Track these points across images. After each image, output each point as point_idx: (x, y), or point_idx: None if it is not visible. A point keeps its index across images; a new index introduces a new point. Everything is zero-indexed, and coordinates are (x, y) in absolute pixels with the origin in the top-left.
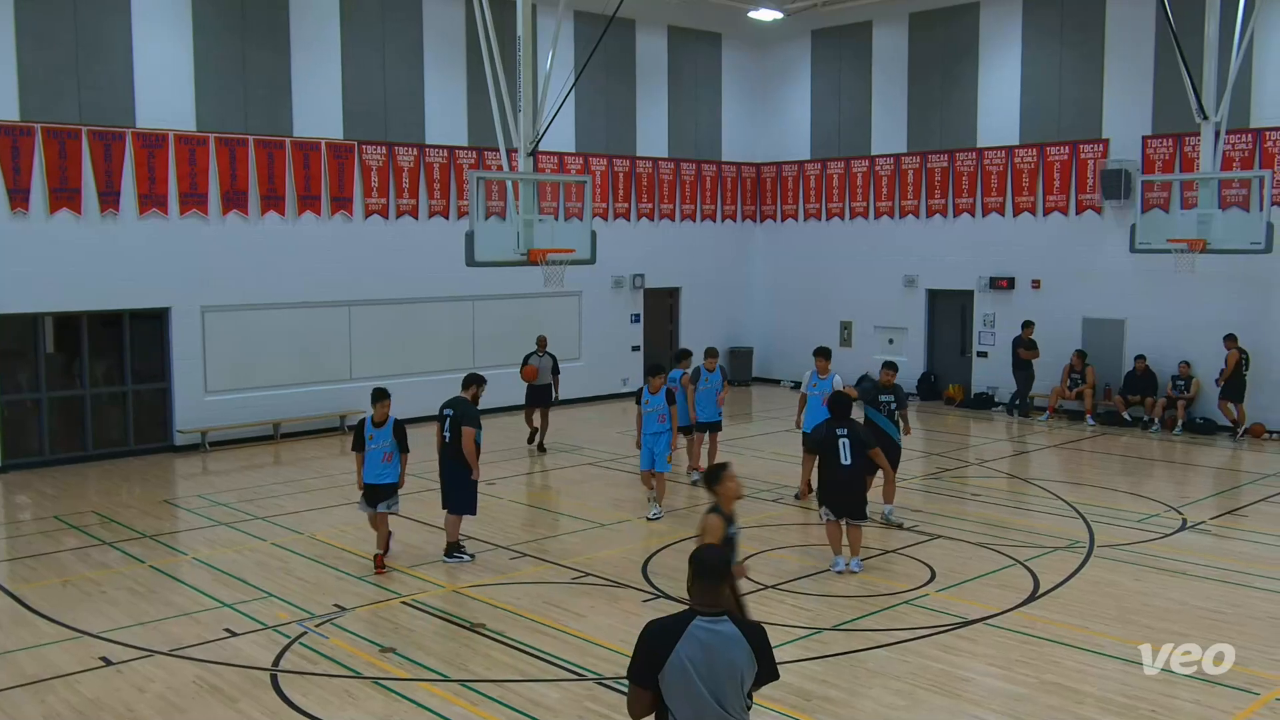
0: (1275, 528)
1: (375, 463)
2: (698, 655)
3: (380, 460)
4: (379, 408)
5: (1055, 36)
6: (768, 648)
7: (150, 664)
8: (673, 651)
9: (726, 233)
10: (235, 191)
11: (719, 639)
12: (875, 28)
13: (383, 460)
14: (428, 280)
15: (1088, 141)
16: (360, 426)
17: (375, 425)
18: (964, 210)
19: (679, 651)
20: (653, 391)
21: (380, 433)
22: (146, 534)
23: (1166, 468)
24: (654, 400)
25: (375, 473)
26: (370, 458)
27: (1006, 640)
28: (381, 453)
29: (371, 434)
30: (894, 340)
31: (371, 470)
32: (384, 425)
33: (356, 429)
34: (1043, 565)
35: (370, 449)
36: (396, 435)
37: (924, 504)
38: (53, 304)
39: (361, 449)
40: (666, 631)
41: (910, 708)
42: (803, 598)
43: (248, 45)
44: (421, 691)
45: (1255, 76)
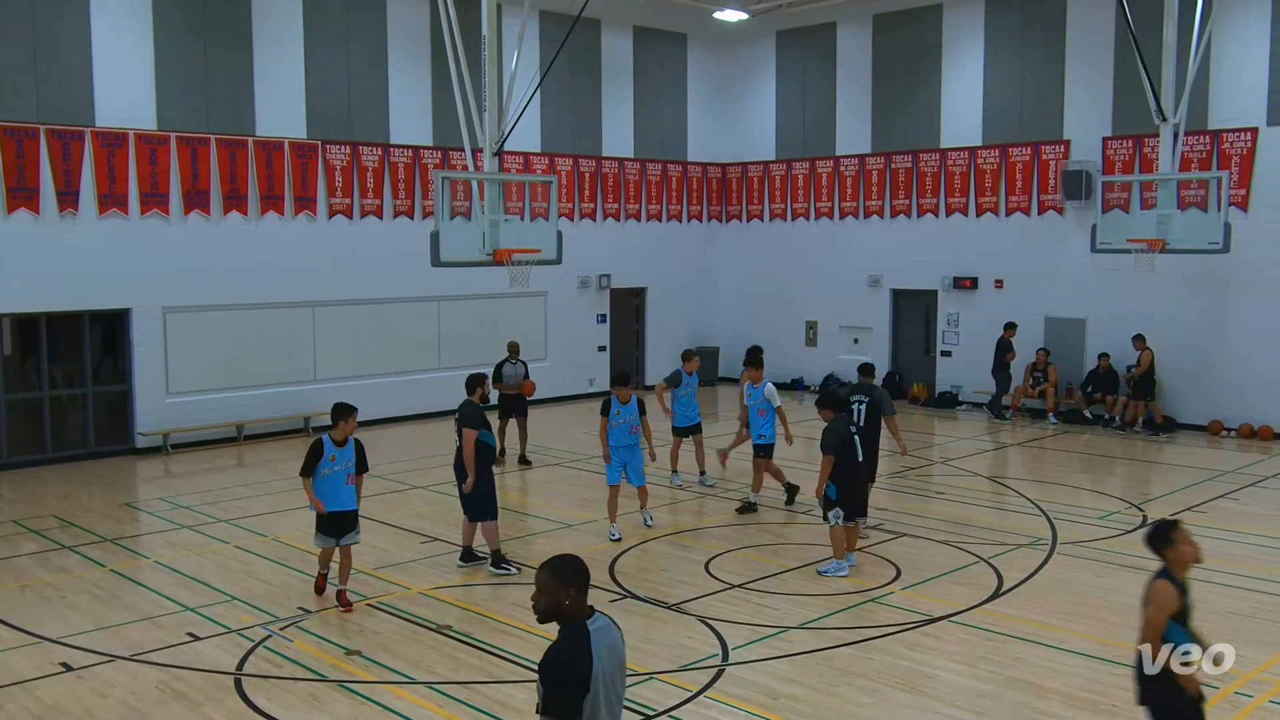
0: (1234, 524)
1: (338, 487)
2: (607, 657)
3: (344, 484)
4: (342, 425)
5: (1017, 38)
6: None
7: (112, 669)
8: (594, 666)
9: (692, 233)
10: (197, 191)
11: (609, 634)
12: (839, 29)
13: (346, 483)
14: (393, 281)
15: (1049, 143)
16: (317, 448)
17: (337, 445)
18: (928, 210)
19: (598, 663)
20: (622, 401)
21: (342, 453)
22: (107, 538)
23: (1127, 465)
24: (625, 411)
25: (338, 498)
26: (332, 482)
27: (971, 637)
28: (345, 474)
29: (334, 454)
30: (859, 340)
31: (334, 496)
32: (346, 444)
33: (311, 451)
34: (1006, 562)
35: (332, 471)
36: (359, 454)
37: (889, 502)
38: (11, 305)
39: (312, 474)
40: (581, 653)
41: (876, 705)
42: (769, 597)
43: (209, 43)
44: (387, 694)
45: (1213, 79)
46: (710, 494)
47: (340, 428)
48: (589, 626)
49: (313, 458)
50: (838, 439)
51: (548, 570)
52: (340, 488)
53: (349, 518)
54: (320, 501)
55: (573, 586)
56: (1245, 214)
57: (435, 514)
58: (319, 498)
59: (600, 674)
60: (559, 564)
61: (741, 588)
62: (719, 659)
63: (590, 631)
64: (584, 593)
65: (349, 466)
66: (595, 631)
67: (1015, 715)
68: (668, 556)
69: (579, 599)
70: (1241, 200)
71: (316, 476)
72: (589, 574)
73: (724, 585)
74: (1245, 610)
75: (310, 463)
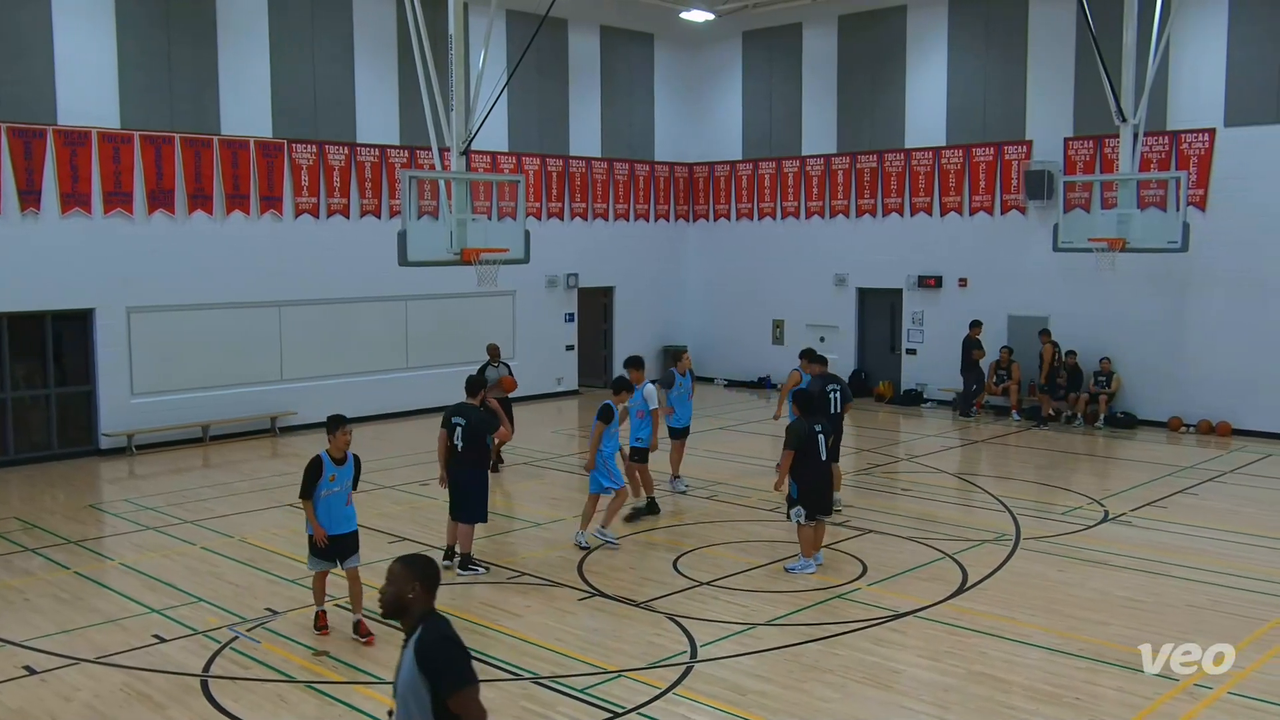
0: (1193, 519)
1: (338, 508)
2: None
3: (344, 504)
4: (340, 436)
5: (980, 40)
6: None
7: (76, 672)
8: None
9: (660, 232)
10: (161, 190)
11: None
12: (805, 30)
13: (346, 504)
14: (360, 280)
15: (1012, 143)
16: (316, 467)
17: (336, 463)
18: (892, 210)
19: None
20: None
21: (342, 471)
22: (71, 540)
23: (1089, 461)
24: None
25: (340, 520)
26: (332, 503)
27: (936, 632)
28: (345, 494)
29: (333, 473)
30: (825, 338)
31: (335, 518)
32: (345, 462)
33: (310, 471)
34: (971, 558)
35: (332, 492)
36: (357, 471)
37: (855, 499)
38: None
39: (313, 496)
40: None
41: (843, 700)
42: (737, 594)
43: (173, 41)
44: (356, 694)
45: (1171, 81)
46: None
47: (337, 441)
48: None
49: (312, 478)
50: (800, 436)
51: (400, 563)
52: (340, 508)
53: (350, 540)
54: (322, 529)
55: (419, 581)
56: (1203, 214)
57: (403, 514)
58: (319, 521)
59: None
60: (412, 558)
61: (710, 585)
62: (687, 656)
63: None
64: (430, 591)
65: (348, 485)
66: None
67: (979, 709)
68: (636, 555)
69: (425, 595)
70: (1200, 200)
71: (316, 499)
72: (439, 578)
73: (692, 583)
74: (1205, 604)
75: (310, 484)
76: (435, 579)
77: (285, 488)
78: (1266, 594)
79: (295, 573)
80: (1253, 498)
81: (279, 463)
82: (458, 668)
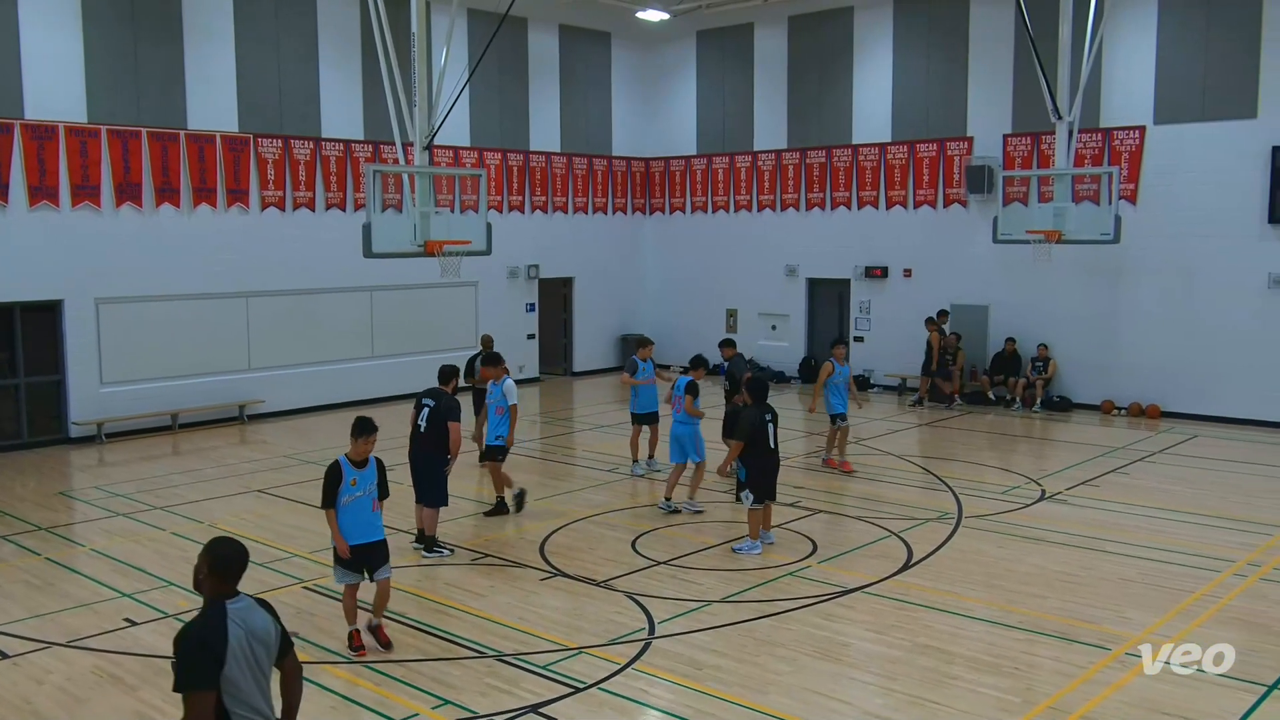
0: (1125, 497)
1: (364, 514)
2: (243, 635)
3: (369, 510)
4: (362, 443)
5: (923, 40)
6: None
7: (47, 656)
8: (229, 642)
9: (617, 224)
10: (129, 184)
11: (249, 615)
12: (756, 29)
13: (372, 510)
14: (325, 271)
15: (953, 139)
16: (335, 473)
17: (356, 466)
18: (840, 203)
19: (233, 636)
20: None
21: (364, 475)
22: (42, 526)
23: (1027, 443)
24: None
25: (366, 528)
26: (356, 510)
27: (883, 607)
28: (369, 500)
29: (354, 477)
30: (777, 327)
31: (360, 525)
32: (367, 465)
33: (329, 477)
34: (915, 536)
35: (354, 498)
36: (381, 476)
37: (805, 480)
38: None
39: (334, 503)
40: (213, 629)
41: (795, 673)
42: (693, 572)
43: (139, 36)
44: (325, 674)
45: (1104, 81)
46: (646, 477)
47: (359, 446)
48: (227, 606)
49: (332, 484)
50: (750, 426)
51: (207, 544)
52: (365, 515)
53: (379, 549)
54: (344, 541)
55: (208, 565)
56: (1134, 207)
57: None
58: (343, 531)
59: (235, 650)
60: (215, 542)
61: (667, 564)
62: (646, 632)
63: (227, 610)
64: (223, 576)
65: (372, 491)
66: (233, 611)
67: (924, 679)
68: (596, 536)
69: (212, 578)
70: (1131, 194)
71: (338, 507)
72: (240, 562)
73: (650, 562)
74: (1135, 577)
75: (330, 491)
76: (225, 565)
77: (254, 474)
78: (1193, 567)
79: (265, 556)
80: (1180, 476)
81: (247, 450)
82: (181, 668)
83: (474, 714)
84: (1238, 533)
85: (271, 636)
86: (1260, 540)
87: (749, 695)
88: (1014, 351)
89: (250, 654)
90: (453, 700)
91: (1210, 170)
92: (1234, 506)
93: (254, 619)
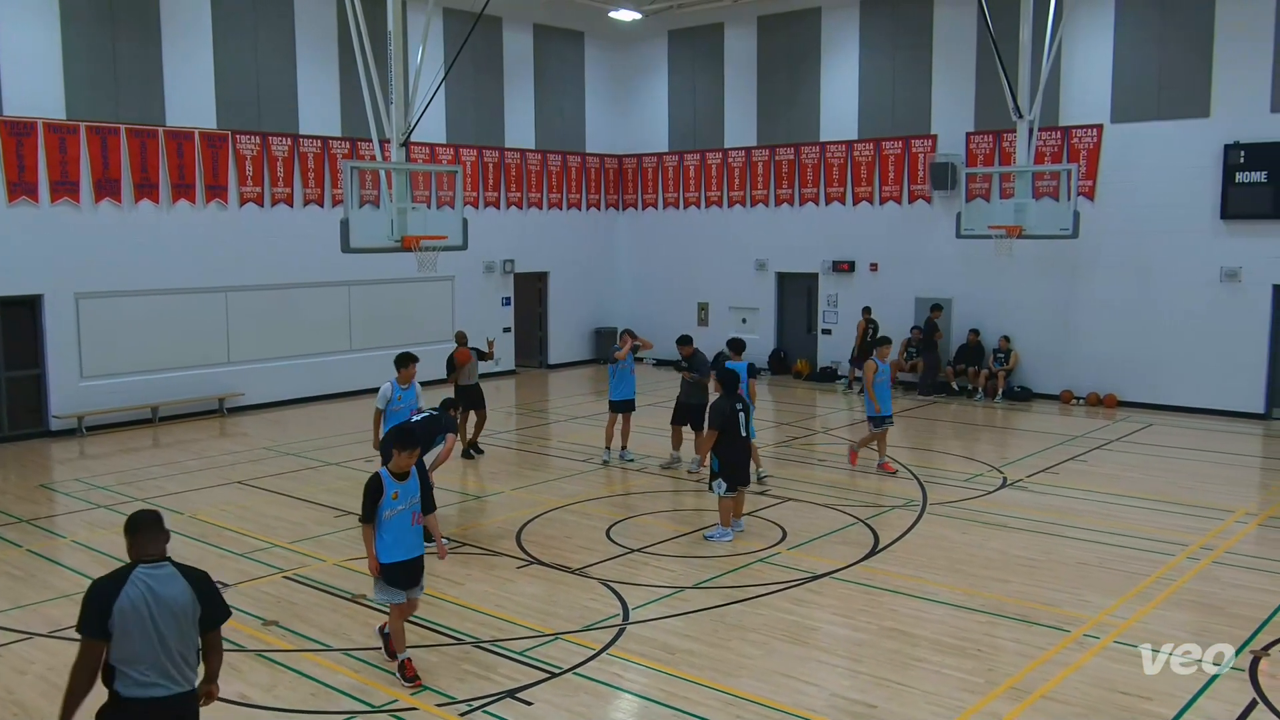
0: (1083, 483)
1: (405, 529)
2: (143, 597)
3: (409, 525)
4: (405, 457)
5: (889, 40)
6: (210, 589)
7: (30, 646)
8: (119, 597)
9: (591, 220)
10: (108, 180)
11: (160, 581)
12: (727, 29)
13: (413, 524)
14: (304, 266)
15: (918, 137)
16: (375, 486)
17: (399, 478)
18: (809, 199)
19: (126, 595)
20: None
21: (405, 487)
22: (23, 519)
23: (989, 432)
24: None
25: (410, 542)
26: (398, 524)
27: (850, 592)
28: (410, 514)
29: (395, 490)
30: (747, 319)
31: (405, 541)
32: (408, 478)
33: (370, 491)
34: (882, 523)
35: (396, 512)
36: (424, 489)
37: (774, 469)
38: None
39: (374, 518)
40: (112, 582)
41: (765, 656)
42: (666, 559)
43: (117, 33)
44: (305, 661)
45: (1063, 80)
46: (620, 467)
47: (402, 459)
48: (138, 568)
49: (373, 498)
50: (722, 416)
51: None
52: (407, 530)
53: (417, 566)
54: (376, 560)
55: (127, 531)
56: (1092, 203)
57: (348, 489)
58: (385, 546)
59: (127, 609)
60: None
61: (640, 551)
62: (620, 619)
63: (134, 574)
64: (133, 538)
65: (414, 504)
66: (145, 575)
67: (890, 661)
68: (571, 524)
69: (127, 539)
70: (1089, 190)
71: (379, 521)
72: (145, 523)
73: (624, 550)
74: (1093, 561)
75: (371, 505)
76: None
77: (234, 465)
78: (1148, 551)
79: (245, 547)
80: (1136, 464)
81: (227, 442)
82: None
83: (451, 700)
84: (1191, 517)
85: (182, 607)
86: (1212, 524)
87: (720, 678)
88: (977, 343)
89: (149, 618)
90: (431, 686)
91: (1165, 167)
92: (1187, 492)
93: (166, 587)
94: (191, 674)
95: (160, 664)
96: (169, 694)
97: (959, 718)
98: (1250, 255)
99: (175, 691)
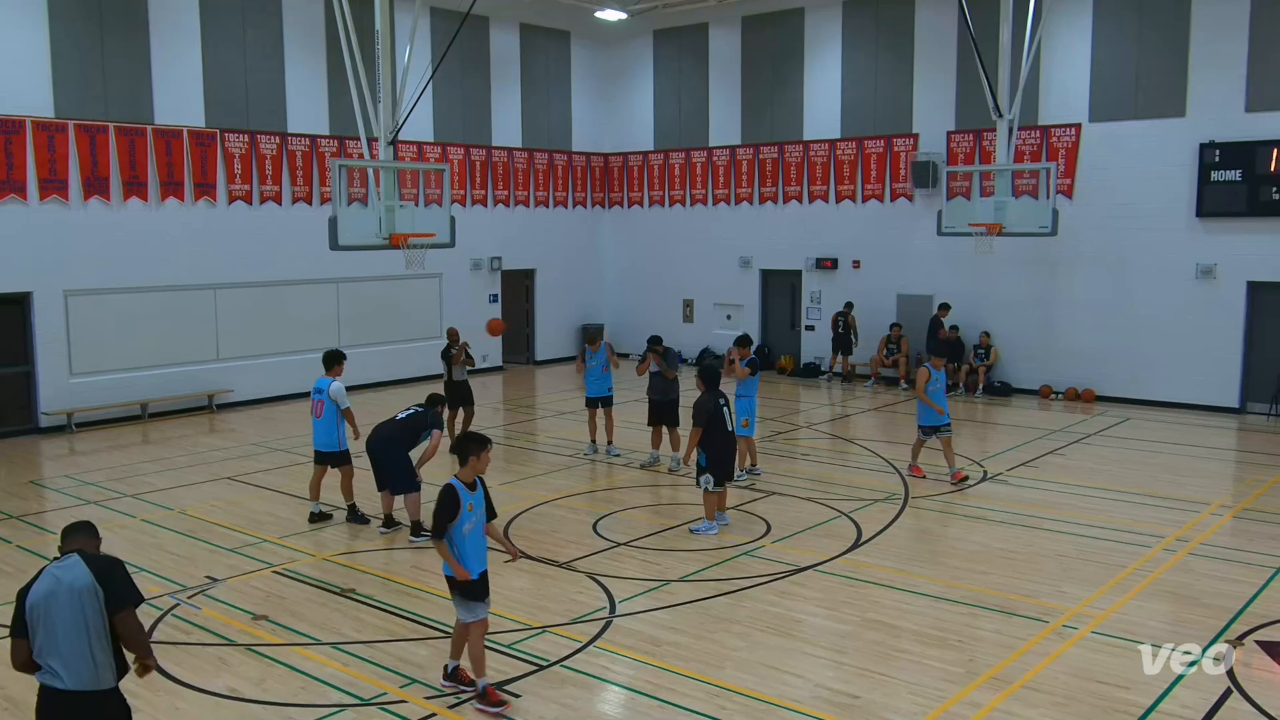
0: (1062, 477)
1: (479, 539)
2: (50, 590)
3: (482, 535)
4: (475, 462)
5: (871, 41)
6: (115, 573)
7: None
8: (29, 593)
9: (577, 218)
10: (96, 178)
11: (64, 570)
12: (711, 29)
13: (484, 534)
14: (292, 264)
15: (900, 136)
16: (452, 499)
17: (470, 489)
18: (792, 197)
19: (35, 590)
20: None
21: (477, 498)
22: (12, 515)
23: (970, 426)
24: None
25: (484, 553)
26: (476, 538)
27: (833, 584)
28: (481, 524)
29: (470, 502)
30: (731, 316)
31: (479, 551)
32: (476, 488)
33: (445, 504)
34: (864, 516)
35: (473, 526)
36: (487, 493)
37: (759, 463)
38: None
39: (446, 533)
40: (28, 584)
41: (750, 648)
42: (651, 553)
43: (106, 32)
44: (295, 655)
45: (1042, 80)
46: (608, 461)
47: (473, 465)
48: (49, 566)
49: (449, 512)
50: (707, 412)
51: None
52: (480, 540)
53: (486, 578)
54: (465, 570)
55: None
56: (1070, 201)
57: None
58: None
59: (37, 604)
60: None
61: (627, 545)
62: (607, 611)
63: (45, 570)
64: (62, 545)
65: (483, 514)
66: (53, 569)
67: (873, 652)
68: (558, 519)
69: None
70: (1067, 189)
71: (458, 537)
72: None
73: (610, 544)
74: (1071, 553)
75: (444, 520)
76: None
77: (223, 461)
78: (1125, 543)
79: (234, 542)
80: (1113, 457)
81: (216, 438)
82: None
83: (440, 693)
84: (1167, 510)
85: (80, 590)
86: (1188, 517)
87: (706, 670)
88: (957, 339)
89: (53, 609)
90: (420, 679)
91: (1142, 166)
92: (1164, 485)
93: (69, 574)
94: (102, 673)
95: (60, 654)
96: (65, 689)
97: (941, 708)
98: (1225, 252)
99: (73, 688)
